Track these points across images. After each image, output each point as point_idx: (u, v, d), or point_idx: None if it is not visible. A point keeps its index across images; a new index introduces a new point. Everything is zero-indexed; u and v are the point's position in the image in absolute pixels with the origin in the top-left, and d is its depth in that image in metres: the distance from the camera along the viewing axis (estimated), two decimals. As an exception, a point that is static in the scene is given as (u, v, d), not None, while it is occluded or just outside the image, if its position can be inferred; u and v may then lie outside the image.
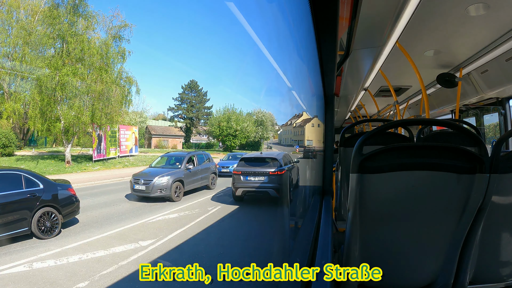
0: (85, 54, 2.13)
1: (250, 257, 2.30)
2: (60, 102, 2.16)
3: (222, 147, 3.96)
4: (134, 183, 3.46)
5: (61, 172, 2.83)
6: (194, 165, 3.94)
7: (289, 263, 1.99)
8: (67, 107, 2.19)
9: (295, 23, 1.75)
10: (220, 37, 2.48)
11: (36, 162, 2.80)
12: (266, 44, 1.49)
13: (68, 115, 2.24)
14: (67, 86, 2.11)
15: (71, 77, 2.09)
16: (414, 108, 8.75)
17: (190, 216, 2.98)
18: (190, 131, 4.64)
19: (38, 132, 2.60)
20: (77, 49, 2.12)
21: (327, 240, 2.04)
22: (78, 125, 2.36)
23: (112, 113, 2.50)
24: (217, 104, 5.70)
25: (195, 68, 3.00)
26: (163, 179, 3.26)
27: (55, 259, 2.10)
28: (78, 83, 2.13)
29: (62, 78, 2.05)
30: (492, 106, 5.79)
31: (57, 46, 2.07)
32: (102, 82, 2.18)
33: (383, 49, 4.05)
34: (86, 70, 2.14)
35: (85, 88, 2.18)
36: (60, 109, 2.18)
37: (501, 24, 3.50)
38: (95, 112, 2.34)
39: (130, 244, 2.42)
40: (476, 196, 1.63)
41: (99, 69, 2.18)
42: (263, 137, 3.88)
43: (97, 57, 2.14)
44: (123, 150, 3.17)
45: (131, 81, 2.36)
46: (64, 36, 2.03)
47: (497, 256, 1.88)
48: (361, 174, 1.63)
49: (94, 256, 2.21)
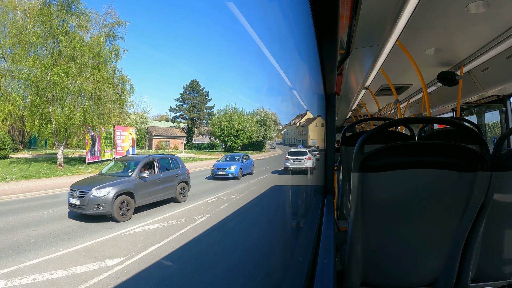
0: (76, 53, 2.08)
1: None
2: (51, 102, 2.10)
3: (224, 148, 3.94)
4: (70, 195, 2.43)
5: (52, 176, 2.56)
6: (155, 172, 2.92)
7: (291, 263, 1.99)
8: (58, 107, 2.12)
9: (296, 22, 1.75)
10: (220, 36, 2.51)
11: (28, 164, 2.66)
12: (266, 44, 1.49)
13: (59, 116, 2.16)
14: (59, 86, 2.05)
15: (62, 76, 2.04)
16: (415, 107, 8.74)
17: (174, 227, 2.33)
18: (192, 132, 4.65)
19: (36, 134, 2.51)
20: (68, 48, 2.07)
21: (329, 239, 2.04)
22: (69, 126, 2.27)
23: (105, 113, 2.38)
24: (218, 104, 5.74)
25: (196, 69, 3.01)
26: (102, 191, 2.59)
27: (6, 280, 1.72)
28: (70, 83, 2.08)
29: (53, 78, 2.01)
30: (493, 104, 5.78)
31: (48, 45, 2.02)
32: (93, 81, 2.12)
33: (383, 47, 4.05)
34: (77, 69, 2.09)
35: (77, 87, 2.11)
36: (51, 110, 2.12)
37: (501, 22, 3.50)
38: (86, 112, 2.24)
39: (95, 263, 1.96)
40: (478, 194, 1.63)
41: (91, 68, 2.12)
42: (266, 137, 3.86)
43: (88, 56, 2.09)
44: (120, 151, 2.97)
45: (124, 80, 2.27)
46: (55, 35, 1.98)
47: (499, 254, 1.87)
48: (362, 173, 1.63)
49: (51, 277, 1.83)
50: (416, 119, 2.60)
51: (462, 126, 1.90)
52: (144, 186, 2.98)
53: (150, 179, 3.08)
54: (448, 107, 7.05)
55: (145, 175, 3.02)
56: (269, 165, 4.37)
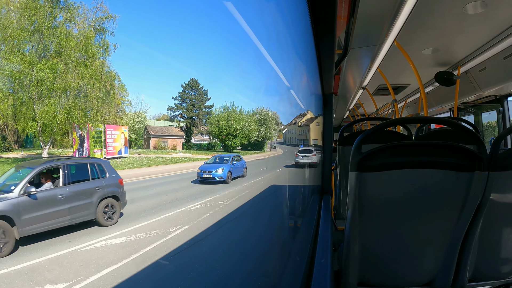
0: (62, 48, 1.96)
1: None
2: (37, 100, 1.97)
3: (223, 148, 3.89)
4: None
5: None
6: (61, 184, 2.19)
7: (289, 263, 1.99)
8: (42, 105, 1.97)
9: (293, 22, 1.75)
10: (218, 35, 2.47)
11: (14, 164, 2.47)
12: (264, 43, 1.49)
13: (43, 114, 2.00)
14: (43, 83, 1.91)
15: (47, 72, 1.91)
16: (412, 107, 8.76)
17: (142, 241, 1.88)
18: (191, 131, 4.60)
19: (20, 132, 2.37)
20: (54, 43, 1.96)
21: (327, 239, 2.04)
22: (54, 124, 2.09)
23: (91, 111, 2.20)
24: (216, 103, 5.66)
25: (194, 68, 2.96)
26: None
27: None
28: (55, 79, 1.96)
29: (37, 74, 1.89)
30: (490, 104, 5.80)
31: (34, 39, 1.91)
32: (78, 77, 1.98)
33: (381, 47, 4.05)
34: (63, 64, 1.96)
35: (62, 83, 1.97)
36: (36, 108, 1.98)
37: (498, 22, 3.50)
38: (71, 109, 2.07)
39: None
40: (475, 194, 1.63)
41: (77, 63, 1.99)
42: (266, 136, 3.81)
43: (75, 50, 1.97)
44: (111, 151, 2.76)
45: (113, 76, 2.15)
46: (40, 29, 1.87)
47: (497, 253, 1.88)
48: (360, 173, 1.63)
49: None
50: (413, 119, 2.61)
51: (460, 126, 1.90)
52: (34, 207, 2.04)
53: (44, 195, 2.11)
54: (446, 107, 7.07)
55: (33, 191, 2.07)
56: (267, 165, 4.17)
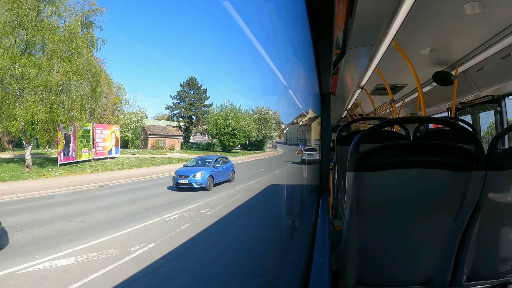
0: (46, 42, 1.91)
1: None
2: (18, 97, 1.91)
3: (221, 148, 3.86)
4: None
5: (16, 178, 2.06)
6: None
7: (287, 262, 1.98)
8: (22, 102, 1.91)
9: (291, 21, 1.74)
10: (215, 34, 2.49)
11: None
12: (262, 42, 1.49)
13: (24, 112, 1.95)
14: (25, 79, 1.86)
15: (29, 68, 1.85)
16: (410, 106, 8.78)
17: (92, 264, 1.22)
18: (190, 131, 4.57)
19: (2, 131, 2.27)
20: (36, 37, 1.90)
21: (325, 239, 2.04)
22: (35, 122, 2.03)
23: (74, 108, 2.12)
24: (215, 102, 5.71)
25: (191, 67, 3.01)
26: None
27: None
28: (37, 75, 1.91)
29: (19, 70, 1.83)
30: (488, 103, 5.83)
31: (17, 34, 1.86)
32: (61, 73, 1.92)
33: (379, 47, 4.05)
34: (46, 59, 1.90)
35: (44, 79, 1.91)
36: (18, 105, 1.92)
37: (496, 22, 3.52)
38: (52, 107, 2.00)
39: None
40: (473, 193, 1.64)
41: (60, 58, 1.93)
42: (267, 136, 3.79)
43: (58, 45, 1.92)
44: (100, 151, 2.63)
45: (99, 72, 2.06)
46: (22, 22, 1.82)
47: (494, 252, 1.89)
48: (357, 172, 1.64)
49: None
50: (411, 119, 2.62)
51: (457, 126, 1.91)
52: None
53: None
54: (443, 107, 7.09)
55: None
56: (265, 167, 4.04)
